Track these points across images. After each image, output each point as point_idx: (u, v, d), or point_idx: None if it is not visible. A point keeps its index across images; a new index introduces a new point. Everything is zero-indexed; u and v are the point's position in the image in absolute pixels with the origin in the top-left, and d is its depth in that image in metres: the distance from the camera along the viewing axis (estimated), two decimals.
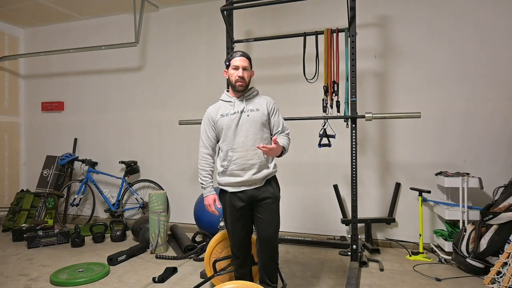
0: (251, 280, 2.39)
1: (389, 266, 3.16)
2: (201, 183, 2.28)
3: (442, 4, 3.61)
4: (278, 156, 2.22)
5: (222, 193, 2.29)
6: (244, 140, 2.18)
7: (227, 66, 2.26)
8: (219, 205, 2.27)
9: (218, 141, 2.30)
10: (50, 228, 4.01)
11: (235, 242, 2.30)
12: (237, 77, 2.20)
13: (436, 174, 3.50)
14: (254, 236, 2.40)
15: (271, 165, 2.24)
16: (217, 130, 2.26)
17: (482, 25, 3.50)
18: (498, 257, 2.77)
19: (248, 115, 2.20)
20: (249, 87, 2.33)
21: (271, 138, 2.28)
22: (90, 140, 5.06)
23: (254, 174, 2.17)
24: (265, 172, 2.20)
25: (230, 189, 2.22)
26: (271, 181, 2.25)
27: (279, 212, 2.27)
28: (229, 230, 2.31)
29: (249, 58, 2.26)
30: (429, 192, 3.43)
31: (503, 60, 3.45)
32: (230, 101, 2.27)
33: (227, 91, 2.33)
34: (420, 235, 3.40)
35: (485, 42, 3.50)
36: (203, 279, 2.83)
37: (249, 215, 2.26)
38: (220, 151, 2.29)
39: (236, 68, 2.21)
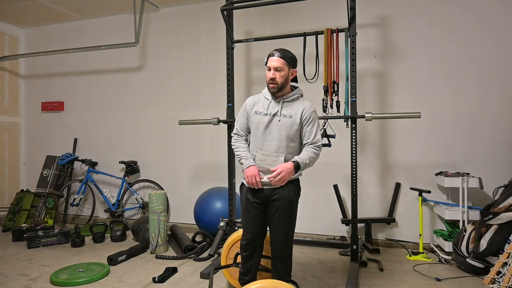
0: (254, 276, 2.37)
1: (389, 266, 3.16)
2: (240, 157, 2.22)
3: (443, 3, 3.61)
4: (299, 170, 2.15)
5: (242, 186, 2.33)
6: (269, 144, 2.16)
7: (266, 64, 2.22)
8: (260, 175, 2.15)
9: (249, 131, 2.31)
10: (50, 228, 4.00)
11: (246, 236, 2.29)
12: (268, 79, 2.17)
13: (436, 174, 3.50)
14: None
15: None
16: (250, 124, 2.28)
17: (484, 24, 3.50)
18: (498, 257, 2.77)
19: (279, 120, 2.16)
20: (294, 87, 2.27)
21: (300, 147, 2.24)
22: (90, 140, 5.06)
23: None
24: None
25: (248, 184, 2.22)
26: (289, 184, 2.19)
27: (291, 217, 2.23)
28: (243, 223, 2.32)
29: (285, 57, 2.15)
30: (429, 192, 3.43)
31: (504, 61, 3.45)
32: (268, 99, 2.24)
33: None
34: (420, 235, 3.40)
35: (485, 42, 3.50)
36: (204, 279, 2.84)
37: (263, 213, 2.25)
38: (248, 145, 2.30)
39: (269, 69, 2.17)
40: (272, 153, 2.15)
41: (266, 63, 2.20)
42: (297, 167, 2.13)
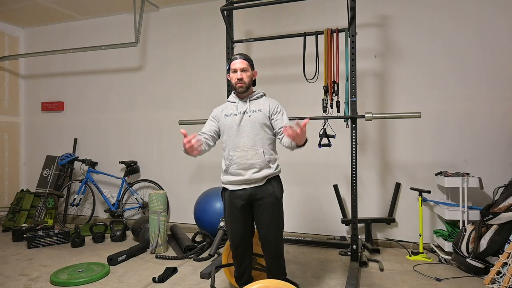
0: (249, 276, 2.38)
1: (389, 266, 3.16)
2: None
3: (442, 4, 3.61)
4: (300, 146, 2.08)
5: (223, 191, 2.34)
6: (245, 140, 2.21)
7: (228, 70, 2.33)
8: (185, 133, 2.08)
9: (218, 135, 2.37)
10: (50, 228, 4.01)
11: (234, 240, 2.30)
12: (236, 80, 2.26)
13: (436, 174, 3.50)
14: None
15: (273, 166, 2.24)
16: (221, 129, 2.33)
17: (482, 25, 3.50)
18: (498, 257, 2.77)
19: (249, 116, 2.24)
20: (255, 89, 2.37)
21: (274, 138, 2.30)
22: (90, 140, 5.06)
23: (254, 173, 2.18)
24: (266, 172, 2.20)
25: (230, 187, 2.24)
26: (272, 180, 2.24)
27: (280, 213, 2.26)
28: (228, 228, 2.32)
29: (248, 59, 2.30)
30: (429, 192, 3.43)
31: (503, 60, 3.45)
32: (235, 102, 2.33)
33: (234, 92, 2.37)
34: (420, 235, 3.40)
35: (485, 42, 3.50)
36: (204, 279, 2.84)
37: (249, 214, 2.27)
38: (223, 150, 2.32)
39: (235, 71, 2.27)
40: (250, 147, 2.20)
41: (229, 68, 2.30)
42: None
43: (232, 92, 2.39)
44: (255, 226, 2.33)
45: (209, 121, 2.39)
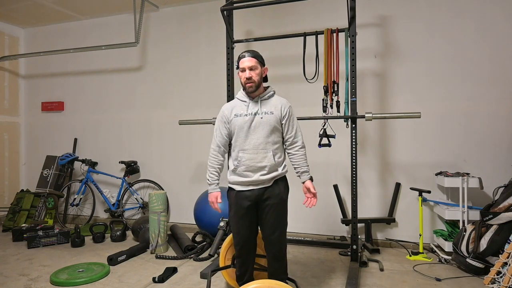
0: (251, 276, 2.39)
1: (389, 266, 3.16)
2: (207, 179, 2.33)
3: (442, 3, 3.61)
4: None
5: (229, 191, 2.32)
6: (256, 142, 2.18)
7: (237, 68, 2.27)
8: (220, 200, 2.32)
9: (231, 139, 2.31)
10: (50, 228, 4.01)
11: (239, 240, 2.29)
12: (244, 79, 2.20)
13: (436, 174, 3.50)
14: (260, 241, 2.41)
15: (280, 168, 2.24)
16: (231, 129, 2.27)
17: (482, 24, 3.50)
18: (498, 257, 2.77)
19: (261, 117, 2.19)
20: (266, 87, 2.32)
21: (283, 142, 2.30)
22: (90, 140, 5.06)
23: (263, 175, 2.18)
24: (274, 174, 2.21)
25: (237, 188, 2.24)
26: (279, 181, 2.25)
27: (284, 214, 2.26)
28: (234, 228, 2.31)
29: (256, 56, 2.22)
30: (429, 192, 3.43)
31: (504, 60, 3.45)
32: (245, 101, 2.26)
33: (244, 90, 2.30)
34: (420, 235, 3.40)
35: (485, 42, 3.50)
36: (204, 279, 2.84)
37: (255, 215, 2.26)
38: (232, 150, 2.29)
39: (243, 70, 2.21)
40: (260, 150, 2.18)
41: (238, 66, 2.24)
42: (311, 178, 2.33)
43: (241, 90, 2.31)
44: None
45: (220, 124, 2.30)
